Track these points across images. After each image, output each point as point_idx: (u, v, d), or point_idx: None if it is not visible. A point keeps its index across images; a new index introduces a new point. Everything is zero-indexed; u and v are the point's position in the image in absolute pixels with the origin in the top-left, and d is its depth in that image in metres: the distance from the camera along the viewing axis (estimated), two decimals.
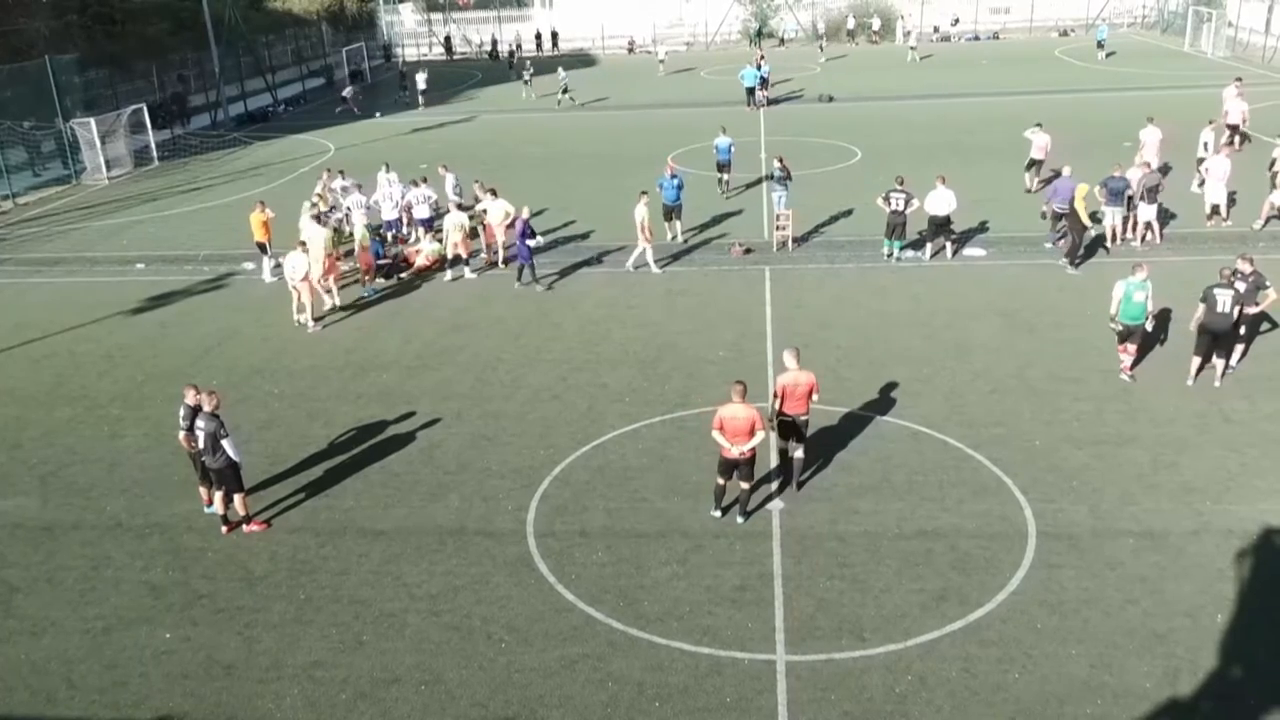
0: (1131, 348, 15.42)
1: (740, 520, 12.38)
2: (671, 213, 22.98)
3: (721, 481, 12.33)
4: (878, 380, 15.92)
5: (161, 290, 21.69)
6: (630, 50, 62.85)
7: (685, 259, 22.34)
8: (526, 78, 46.42)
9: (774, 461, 13.43)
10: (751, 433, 11.77)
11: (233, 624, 10.93)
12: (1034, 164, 26.07)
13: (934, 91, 42.52)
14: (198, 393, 12.44)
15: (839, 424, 14.58)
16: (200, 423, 12.16)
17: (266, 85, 48.18)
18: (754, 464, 12.16)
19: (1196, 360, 15.21)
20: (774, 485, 13.07)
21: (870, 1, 62.08)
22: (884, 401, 15.22)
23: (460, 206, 23.86)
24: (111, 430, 15.57)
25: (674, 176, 22.91)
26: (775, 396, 12.67)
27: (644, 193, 21.00)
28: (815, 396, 12.66)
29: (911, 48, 53.61)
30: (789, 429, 12.74)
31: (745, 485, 12.28)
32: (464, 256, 21.55)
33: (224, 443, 12.07)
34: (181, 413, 12.54)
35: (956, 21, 61.45)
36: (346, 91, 45.29)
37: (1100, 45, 50.25)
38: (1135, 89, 40.37)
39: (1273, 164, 23.62)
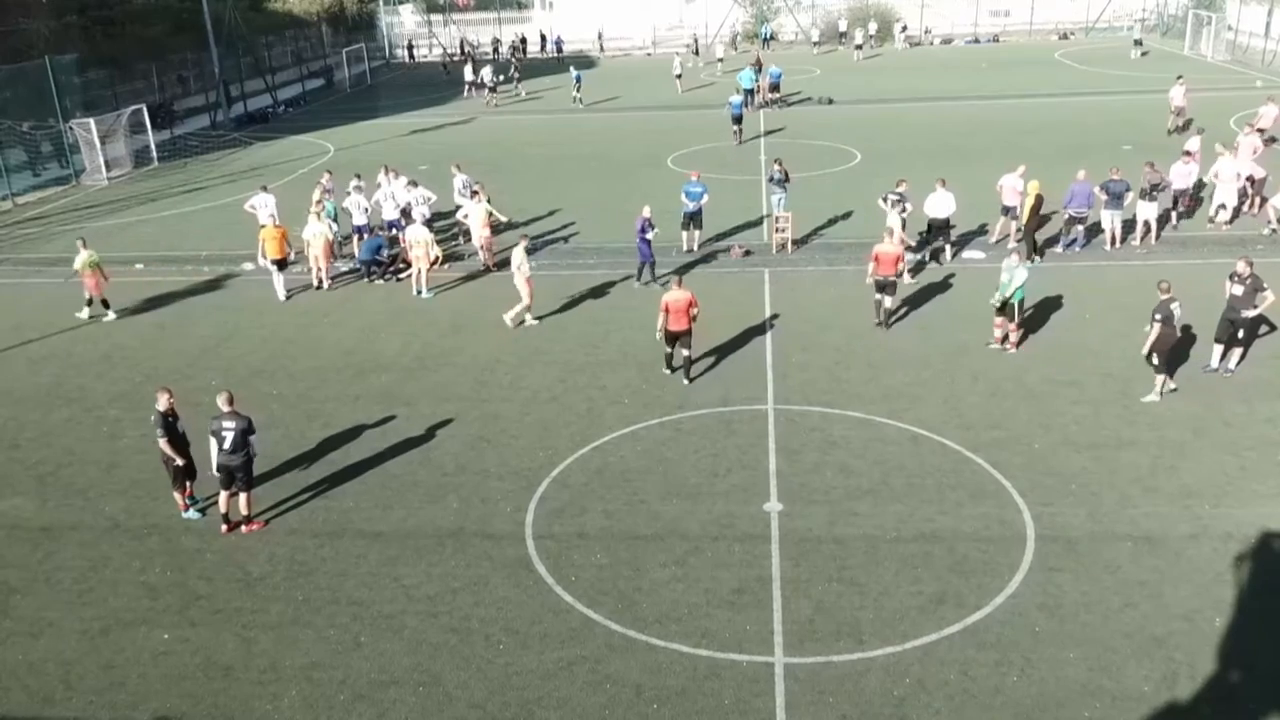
0: (999, 320, 16.81)
1: (685, 383, 15.86)
2: (691, 221, 22.39)
3: (669, 350, 15.95)
4: (876, 382, 15.93)
5: (160, 291, 21.67)
6: (642, 41, 62.92)
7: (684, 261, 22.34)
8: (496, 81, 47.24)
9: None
10: (688, 310, 15.35)
11: (230, 625, 10.93)
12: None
13: (933, 94, 42.52)
14: (170, 396, 12.55)
15: (837, 426, 14.59)
16: (227, 423, 12.17)
17: (266, 86, 48.18)
18: (691, 335, 15.68)
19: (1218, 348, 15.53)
20: (772, 485, 13.11)
21: (870, 5, 62.06)
22: (882, 404, 15.22)
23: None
24: (110, 431, 15.56)
25: (698, 183, 22.24)
26: (872, 260, 17.39)
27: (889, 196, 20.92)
28: (901, 265, 17.52)
29: (857, 46, 55.32)
30: (882, 286, 17.51)
31: (685, 353, 15.81)
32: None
33: (252, 438, 12.29)
34: (155, 420, 12.48)
35: (905, 28, 61.10)
36: (487, 77, 46.29)
37: (1138, 44, 50.78)
38: (1134, 92, 40.36)
39: None
